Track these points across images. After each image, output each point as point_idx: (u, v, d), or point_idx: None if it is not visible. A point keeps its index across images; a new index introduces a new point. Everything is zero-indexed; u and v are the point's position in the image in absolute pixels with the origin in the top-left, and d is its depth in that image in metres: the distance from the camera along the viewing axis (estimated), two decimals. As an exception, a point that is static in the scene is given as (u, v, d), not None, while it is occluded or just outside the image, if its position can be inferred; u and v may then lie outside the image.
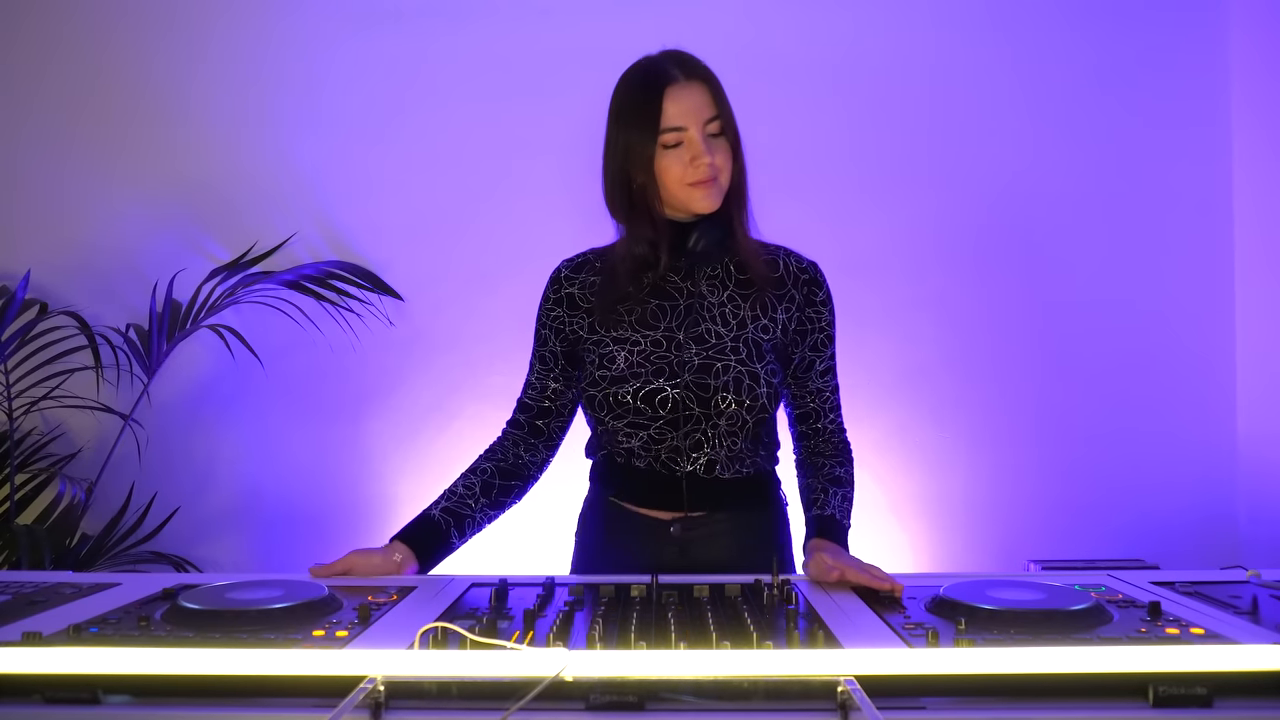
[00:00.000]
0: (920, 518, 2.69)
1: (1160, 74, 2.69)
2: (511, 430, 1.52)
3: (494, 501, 1.45)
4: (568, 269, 1.51)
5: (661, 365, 1.39)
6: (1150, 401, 2.70)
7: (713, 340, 1.41)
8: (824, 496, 1.43)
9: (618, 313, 1.43)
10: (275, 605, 1.02)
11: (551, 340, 1.48)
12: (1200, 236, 2.70)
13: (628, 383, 1.39)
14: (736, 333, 1.42)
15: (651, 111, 1.33)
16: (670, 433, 1.40)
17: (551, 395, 1.50)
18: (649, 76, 1.36)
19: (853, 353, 2.65)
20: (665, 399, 1.38)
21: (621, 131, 1.37)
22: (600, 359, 1.41)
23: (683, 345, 1.40)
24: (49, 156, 2.72)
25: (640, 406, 1.38)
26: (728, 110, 1.38)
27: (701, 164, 1.34)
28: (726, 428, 1.40)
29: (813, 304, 1.49)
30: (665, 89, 1.34)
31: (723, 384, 1.38)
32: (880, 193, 2.70)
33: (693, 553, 1.43)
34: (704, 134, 1.34)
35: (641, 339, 1.41)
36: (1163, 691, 0.79)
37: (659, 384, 1.38)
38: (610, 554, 1.47)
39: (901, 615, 1.04)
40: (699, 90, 1.35)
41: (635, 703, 0.80)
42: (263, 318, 2.61)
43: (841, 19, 2.70)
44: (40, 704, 0.82)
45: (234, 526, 2.72)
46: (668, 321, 1.42)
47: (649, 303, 1.43)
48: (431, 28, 2.70)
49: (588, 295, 1.47)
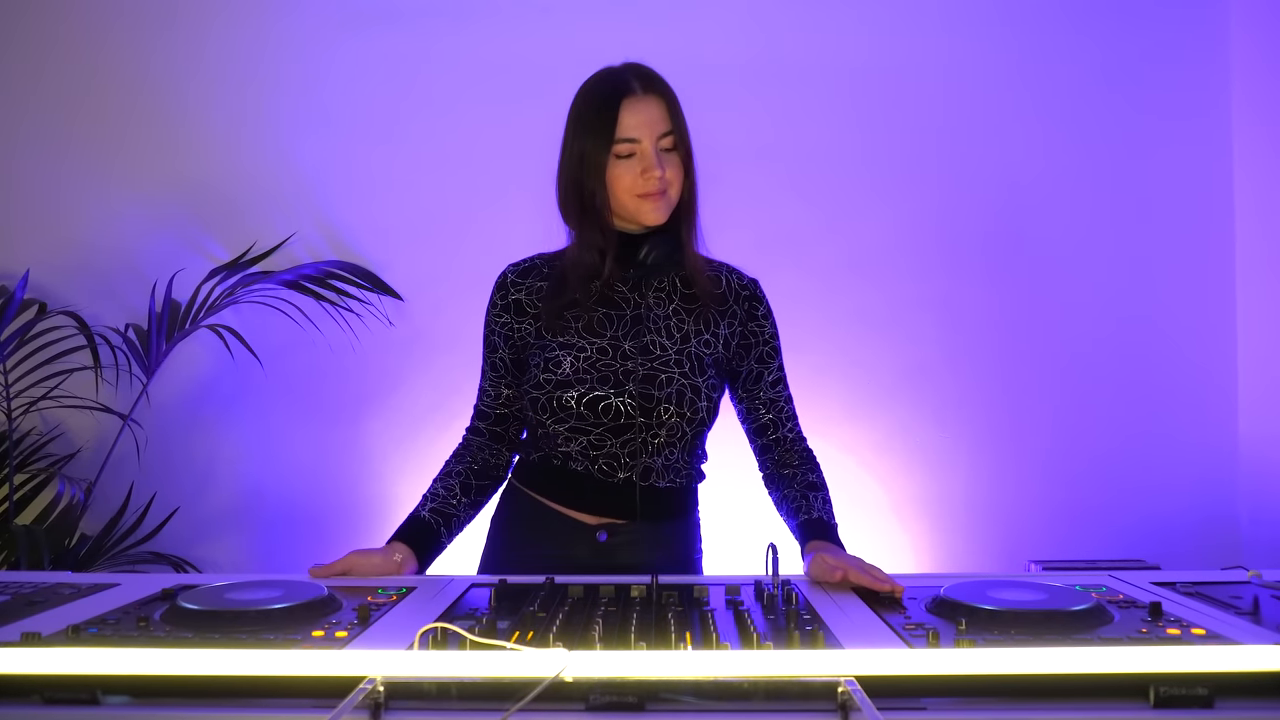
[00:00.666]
0: (921, 518, 2.69)
1: (1162, 74, 2.69)
2: (473, 438, 1.54)
3: (474, 501, 1.49)
4: (514, 274, 1.52)
5: (606, 373, 1.41)
6: (1151, 402, 2.70)
7: (657, 352, 1.42)
8: (805, 502, 1.44)
9: (565, 319, 1.45)
10: (274, 606, 1.01)
11: (501, 347, 1.50)
12: (1201, 237, 2.70)
13: (572, 388, 1.40)
14: (680, 346, 1.44)
15: (608, 121, 1.37)
16: (610, 440, 1.41)
17: (506, 401, 1.52)
18: (608, 86, 1.40)
19: (855, 352, 2.67)
20: (609, 407, 1.40)
21: (577, 138, 1.41)
22: (545, 363, 1.42)
23: (628, 355, 1.42)
24: (47, 156, 2.71)
25: (584, 412, 1.40)
26: (682, 126, 1.41)
27: (652, 176, 1.37)
28: (666, 438, 1.42)
29: (754, 318, 1.51)
30: (623, 100, 1.37)
31: (665, 395, 1.40)
32: (882, 192, 2.70)
33: (613, 557, 1.44)
34: (657, 147, 1.38)
35: (588, 345, 1.43)
36: (1164, 692, 0.79)
37: (604, 391, 1.40)
38: (528, 552, 1.47)
39: (902, 615, 1.04)
40: (655, 104, 1.39)
41: (635, 703, 0.79)
42: (262, 318, 2.61)
43: (844, 19, 2.70)
44: (39, 704, 0.82)
45: (233, 527, 2.71)
46: (614, 330, 1.44)
47: (596, 310, 1.45)
48: (431, 27, 2.70)
49: (534, 300, 1.48)
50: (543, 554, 1.45)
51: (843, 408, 2.66)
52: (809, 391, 2.28)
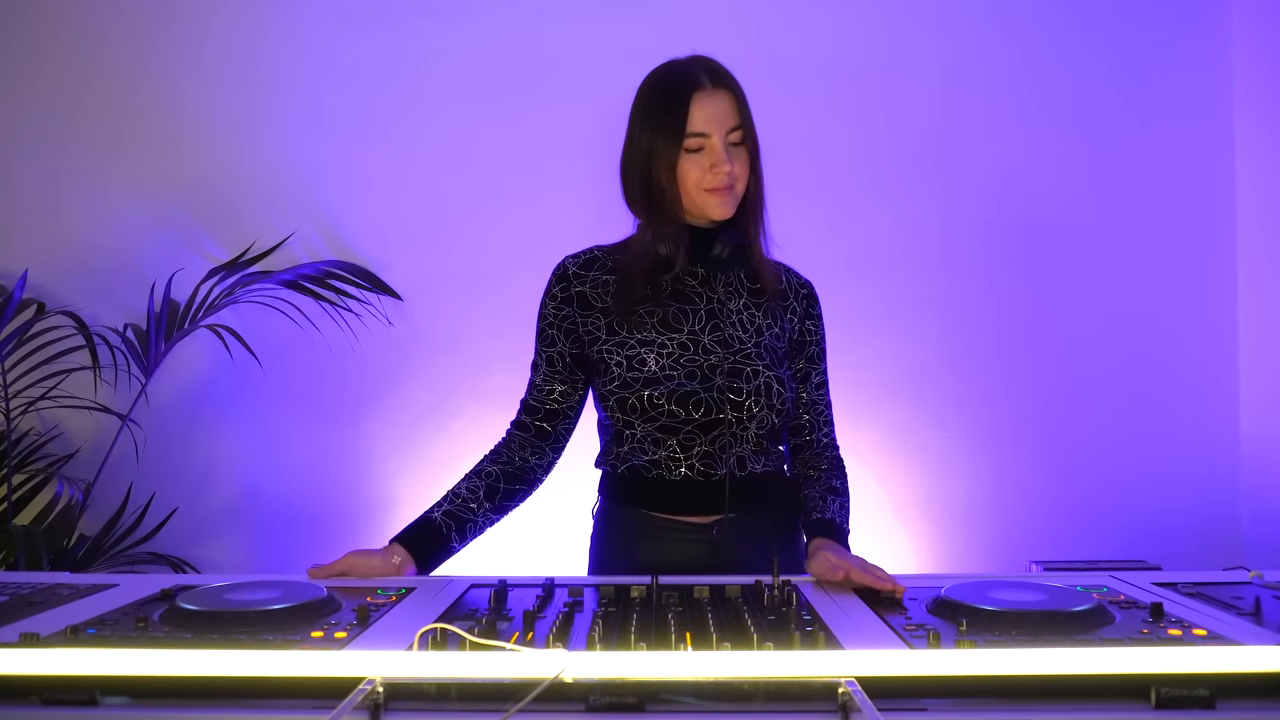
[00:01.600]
0: (922, 518, 2.69)
1: (1164, 74, 2.69)
2: (516, 432, 1.49)
3: (496, 505, 1.44)
4: (575, 266, 1.48)
5: (692, 368, 1.39)
6: (1152, 402, 2.69)
7: (737, 345, 1.41)
8: (823, 503, 1.43)
9: (638, 314, 1.42)
10: (273, 606, 1.01)
11: (560, 341, 1.46)
12: (1203, 237, 2.70)
13: (660, 384, 1.38)
14: (756, 339, 1.43)
15: (678, 115, 1.35)
16: (699, 437, 1.40)
17: (559, 397, 1.47)
18: (677, 80, 1.38)
19: (855, 352, 2.67)
20: (699, 402, 1.38)
21: (646, 132, 1.39)
22: (628, 360, 1.40)
23: (709, 349, 1.40)
24: (46, 155, 2.71)
25: (674, 409, 1.38)
26: (750, 121, 1.41)
27: (720, 171, 1.36)
28: (755, 430, 1.41)
29: (811, 317, 1.52)
30: (693, 94, 1.36)
31: (753, 388, 1.39)
32: (883, 191, 2.69)
33: (726, 553, 1.42)
34: (725, 142, 1.37)
35: (668, 341, 1.40)
36: (1165, 693, 0.79)
37: (692, 386, 1.38)
38: (639, 561, 1.44)
39: (903, 616, 1.04)
40: (725, 98, 1.37)
41: (635, 704, 0.79)
42: (261, 318, 2.61)
43: (843, 17, 2.69)
44: (38, 705, 0.81)
45: (232, 527, 2.71)
46: (690, 325, 1.42)
47: (670, 305, 1.43)
48: (431, 26, 2.69)
49: (601, 294, 1.45)
50: (654, 561, 1.42)
51: (842, 408, 2.62)
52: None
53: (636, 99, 1.42)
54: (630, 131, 1.42)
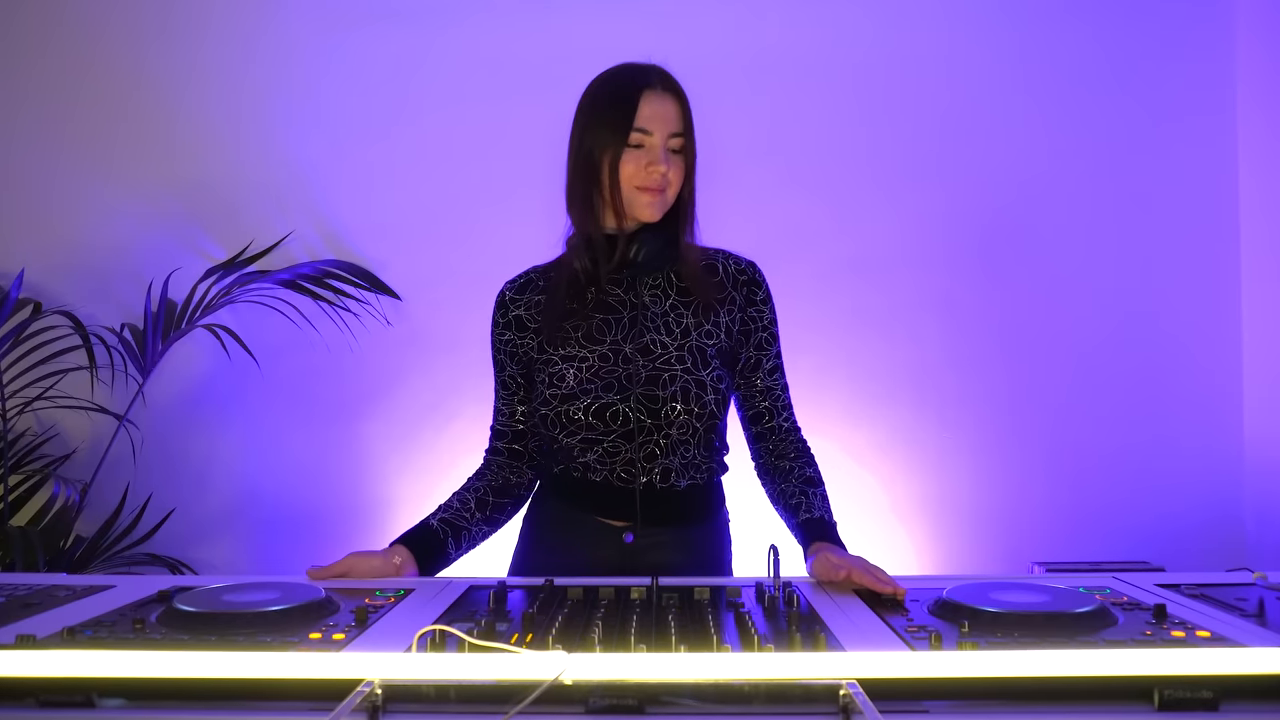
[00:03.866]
0: (923, 519, 2.69)
1: (1167, 72, 2.69)
2: (493, 458, 1.54)
3: (488, 518, 1.48)
4: (511, 291, 1.52)
5: (610, 380, 1.41)
6: (1155, 402, 2.69)
7: (658, 350, 1.42)
8: (805, 500, 1.43)
9: (564, 330, 1.45)
10: (272, 608, 1.01)
11: (508, 365, 1.50)
12: (1206, 237, 2.69)
13: (578, 399, 1.40)
14: (681, 341, 1.43)
15: (626, 109, 1.38)
16: (624, 445, 1.41)
17: (521, 418, 1.51)
18: (629, 76, 1.41)
19: (856, 352, 2.67)
20: (616, 413, 1.40)
21: (591, 125, 1.41)
22: (550, 378, 1.43)
23: (630, 358, 1.42)
24: (43, 154, 2.70)
25: (592, 422, 1.40)
26: (692, 132, 1.42)
27: (655, 170, 1.37)
28: (678, 436, 1.42)
29: (753, 303, 1.51)
30: (643, 91, 1.38)
31: (670, 394, 1.40)
32: (883, 190, 2.69)
33: (641, 558, 1.44)
34: (665, 145, 1.39)
35: (590, 354, 1.43)
36: (1168, 695, 0.78)
37: (609, 399, 1.40)
38: (557, 556, 1.47)
39: (904, 618, 1.03)
40: (671, 103, 1.40)
41: (635, 706, 0.79)
42: (259, 317, 2.60)
43: (846, 15, 2.69)
44: (34, 707, 0.81)
45: (230, 528, 2.70)
46: (613, 335, 1.44)
47: (594, 317, 1.45)
48: (429, 25, 2.69)
49: (534, 315, 1.49)
50: (572, 558, 1.44)
51: (844, 408, 2.65)
52: (810, 392, 2.28)
53: (585, 94, 1.45)
54: (574, 127, 1.44)
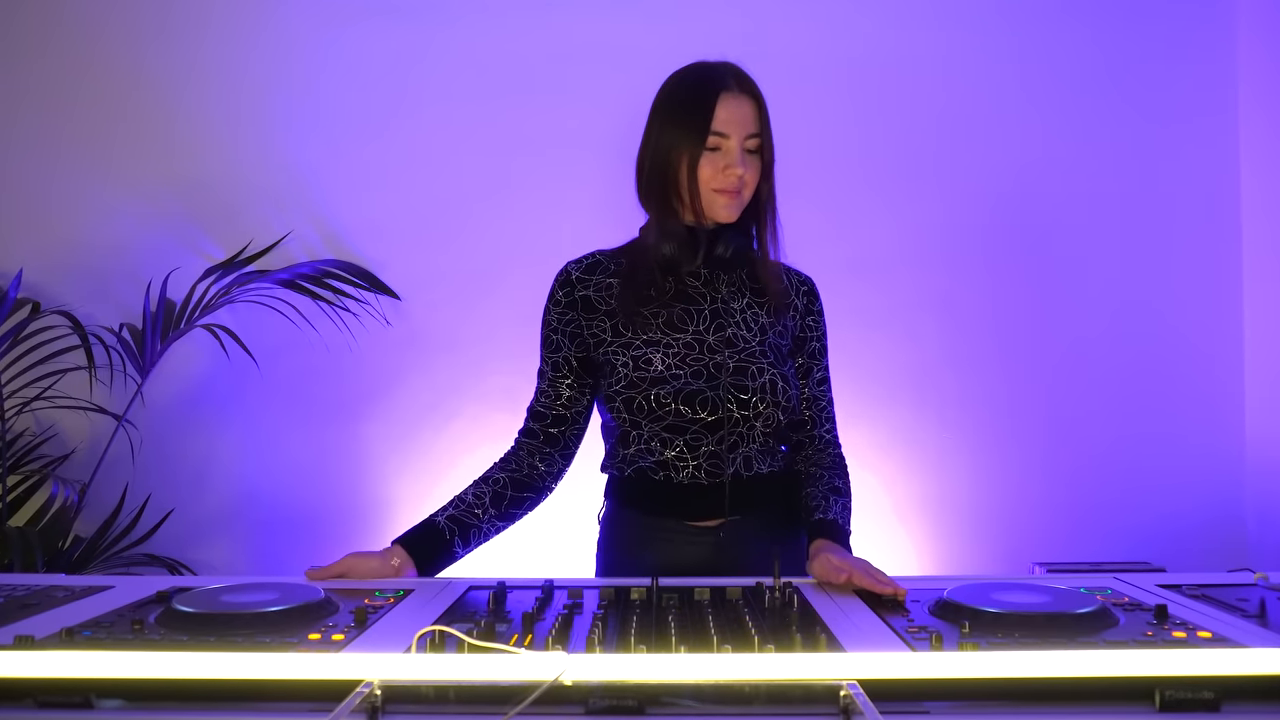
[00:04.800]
0: (924, 520, 2.69)
1: (1167, 71, 2.68)
2: (525, 440, 1.49)
3: (503, 513, 1.43)
4: (578, 270, 1.49)
5: (698, 367, 1.40)
6: (1156, 402, 2.69)
7: (741, 344, 1.42)
8: (825, 503, 1.43)
9: (643, 315, 1.43)
10: (270, 608, 1.01)
11: (565, 346, 1.47)
12: (1207, 237, 2.69)
13: (667, 384, 1.39)
14: (761, 338, 1.44)
15: (703, 113, 1.37)
16: (706, 436, 1.40)
17: (566, 403, 1.47)
18: (705, 79, 1.40)
19: (857, 352, 2.66)
20: (705, 401, 1.38)
21: (667, 126, 1.40)
22: (634, 361, 1.40)
23: (714, 348, 1.41)
24: (41, 153, 2.70)
25: (680, 409, 1.38)
26: (768, 132, 1.42)
27: (732, 173, 1.37)
28: (761, 429, 1.42)
29: (811, 312, 1.53)
30: (720, 94, 1.38)
31: (759, 386, 1.40)
32: (883, 190, 2.69)
33: (731, 555, 1.42)
34: (742, 147, 1.38)
35: (674, 341, 1.41)
36: (1169, 695, 0.78)
37: (699, 385, 1.39)
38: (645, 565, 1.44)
39: (905, 618, 1.03)
40: (748, 105, 1.40)
41: (635, 707, 0.79)
42: (258, 317, 2.60)
43: (843, 14, 2.69)
44: (32, 708, 0.81)
45: (229, 529, 2.70)
46: (695, 325, 1.43)
47: (674, 306, 1.44)
48: (428, 24, 2.69)
49: (605, 297, 1.46)
50: (660, 565, 1.42)
51: (844, 408, 2.61)
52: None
53: (660, 94, 1.44)
54: (650, 126, 1.43)
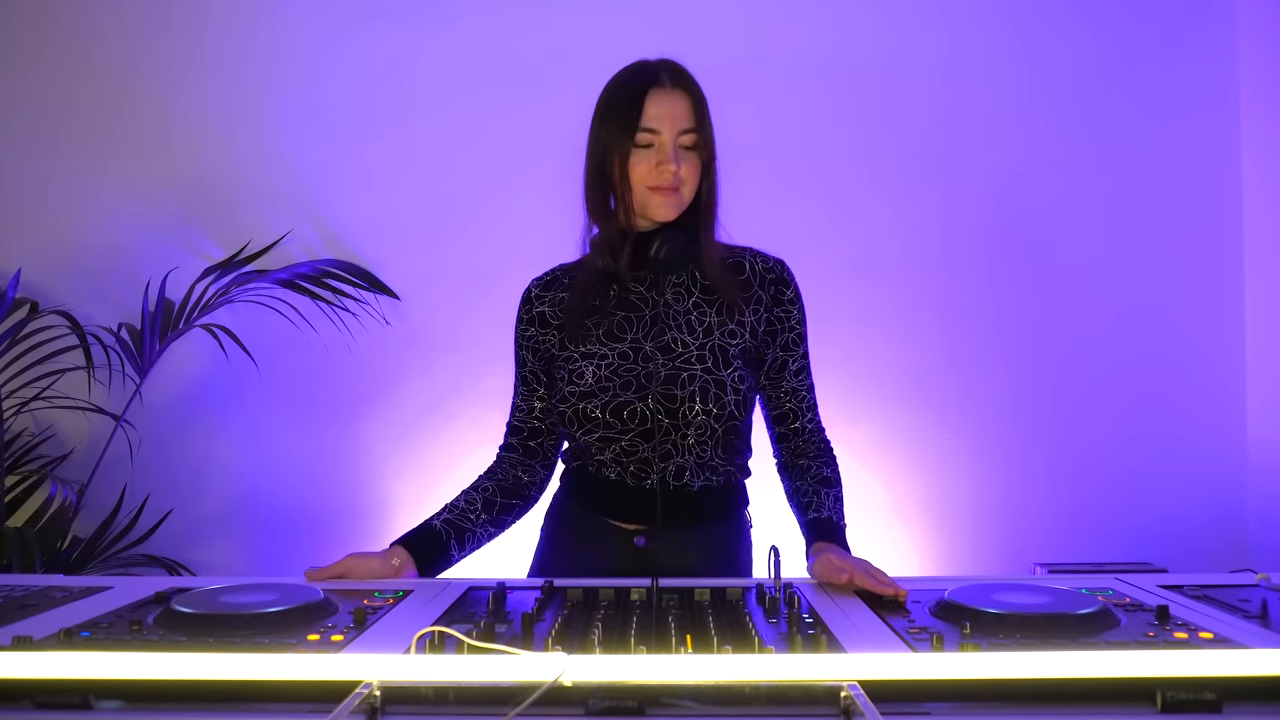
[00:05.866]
0: (925, 520, 2.68)
1: (1169, 69, 2.68)
2: (506, 454, 1.53)
3: (495, 519, 1.46)
4: (537, 288, 1.53)
5: (629, 378, 1.40)
6: (1158, 402, 2.68)
7: (679, 349, 1.41)
8: (816, 499, 1.42)
9: (586, 327, 1.45)
10: (270, 609, 1.01)
11: (530, 360, 1.50)
12: (1209, 236, 2.69)
13: (595, 397, 1.40)
14: (703, 340, 1.42)
15: (633, 109, 1.36)
16: (640, 444, 1.41)
17: (539, 415, 1.51)
18: (636, 76, 1.40)
19: (858, 352, 2.66)
20: (634, 412, 1.39)
21: (602, 125, 1.41)
22: (570, 375, 1.42)
23: (650, 356, 1.41)
24: (39, 153, 2.70)
25: (609, 420, 1.39)
26: (706, 127, 1.40)
27: (666, 170, 1.36)
28: (695, 437, 1.40)
29: (780, 303, 1.48)
30: (649, 89, 1.37)
31: (689, 394, 1.38)
32: (884, 190, 2.69)
33: (656, 562, 1.43)
34: (676, 143, 1.37)
35: (610, 352, 1.42)
36: (1171, 697, 0.78)
37: (627, 396, 1.39)
38: (574, 557, 1.47)
39: (905, 619, 1.03)
40: (681, 99, 1.38)
41: (635, 708, 0.79)
42: (257, 317, 2.60)
43: (845, 13, 2.69)
44: (31, 709, 0.81)
45: (228, 529, 2.70)
46: (634, 333, 1.43)
47: (616, 315, 1.44)
48: (427, 24, 2.69)
49: (557, 312, 1.49)
50: (586, 560, 1.44)
51: (844, 408, 2.65)
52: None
53: (599, 96, 1.44)
54: (591, 129, 1.44)
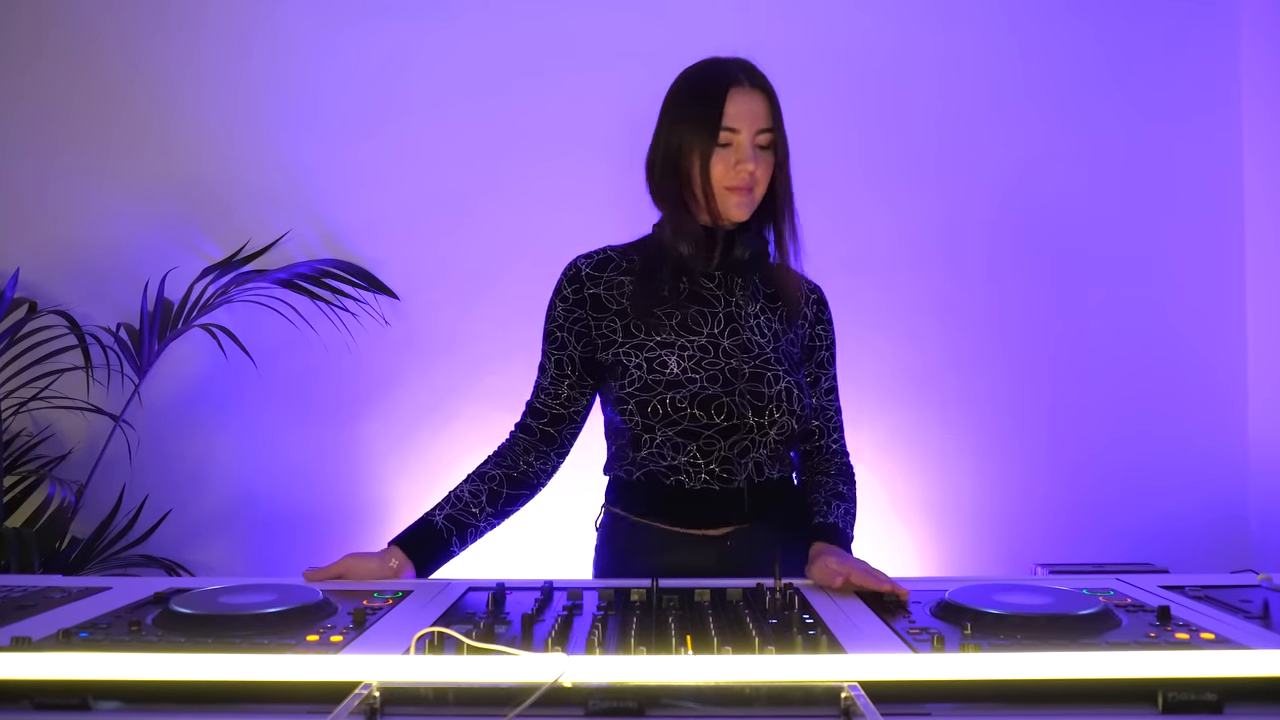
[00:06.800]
0: (925, 521, 2.68)
1: (1170, 70, 2.68)
2: (521, 436, 1.47)
3: (498, 511, 1.42)
4: (588, 266, 1.45)
5: (714, 371, 1.37)
6: (1159, 402, 2.68)
7: (756, 350, 1.40)
8: (826, 507, 1.42)
9: (656, 316, 1.40)
10: (269, 610, 1.00)
11: (571, 344, 1.43)
12: (1210, 237, 2.69)
13: (682, 387, 1.35)
14: (774, 344, 1.42)
15: (714, 108, 1.34)
16: (719, 442, 1.37)
17: (565, 401, 1.44)
18: (716, 74, 1.37)
19: (858, 353, 2.65)
20: (721, 406, 1.36)
21: (678, 122, 1.37)
22: (648, 363, 1.37)
23: (729, 353, 1.39)
24: (38, 153, 2.69)
25: (696, 413, 1.35)
26: (781, 127, 1.39)
27: (743, 169, 1.34)
28: (776, 436, 1.39)
29: (820, 321, 1.51)
30: (730, 89, 1.35)
31: (775, 394, 1.37)
32: (884, 190, 2.69)
33: (736, 562, 1.39)
34: (753, 142, 1.35)
35: (689, 343, 1.38)
36: (1172, 697, 0.78)
37: (714, 390, 1.36)
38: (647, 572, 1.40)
39: (906, 620, 1.03)
40: (759, 99, 1.37)
41: (635, 709, 0.78)
42: (256, 317, 2.59)
43: (846, 15, 2.69)
44: (29, 710, 0.80)
45: (227, 530, 2.69)
46: (709, 328, 1.40)
47: (688, 307, 1.41)
48: (426, 22, 2.68)
49: (616, 296, 1.43)
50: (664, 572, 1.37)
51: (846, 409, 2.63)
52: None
53: (670, 92, 1.41)
54: (660, 124, 1.41)
